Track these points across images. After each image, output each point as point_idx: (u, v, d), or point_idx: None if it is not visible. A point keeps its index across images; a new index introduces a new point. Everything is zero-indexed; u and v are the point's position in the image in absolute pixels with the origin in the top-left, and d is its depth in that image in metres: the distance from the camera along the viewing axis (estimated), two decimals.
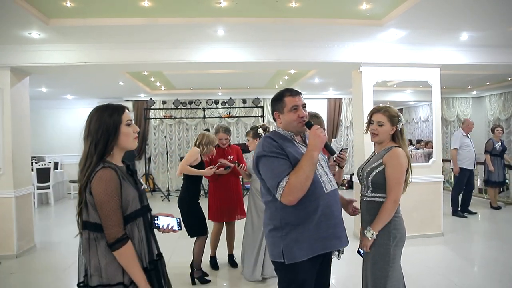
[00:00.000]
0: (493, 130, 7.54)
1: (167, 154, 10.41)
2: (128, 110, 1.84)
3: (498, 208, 7.31)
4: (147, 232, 1.77)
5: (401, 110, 14.30)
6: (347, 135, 11.38)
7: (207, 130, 9.98)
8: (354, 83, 5.77)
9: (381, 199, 2.39)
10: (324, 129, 2.94)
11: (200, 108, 10.46)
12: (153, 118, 10.73)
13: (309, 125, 2.03)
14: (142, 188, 1.85)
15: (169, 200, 9.16)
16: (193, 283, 3.96)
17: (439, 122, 5.80)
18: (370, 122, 2.49)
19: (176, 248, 5.06)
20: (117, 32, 4.61)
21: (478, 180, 8.92)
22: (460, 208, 6.91)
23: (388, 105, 2.49)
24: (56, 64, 5.05)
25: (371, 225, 2.34)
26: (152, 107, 10.32)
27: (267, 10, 4.25)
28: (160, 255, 1.85)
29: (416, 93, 10.80)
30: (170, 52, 5.14)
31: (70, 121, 10.47)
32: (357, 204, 2.48)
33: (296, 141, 2.11)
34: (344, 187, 10.07)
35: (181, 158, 9.95)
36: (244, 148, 9.25)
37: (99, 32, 4.58)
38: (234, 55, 5.23)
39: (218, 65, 5.56)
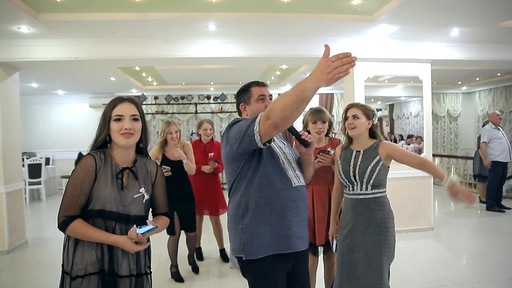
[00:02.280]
0: (484, 125, 7.61)
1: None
2: (135, 103, 1.79)
3: (485, 202, 7.40)
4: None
5: (392, 106, 14.43)
6: (339, 130, 11.42)
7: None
8: (346, 78, 5.76)
9: (381, 194, 2.42)
10: (332, 123, 2.98)
11: (192, 103, 10.44)
12: (145, 114, 10.66)
13: (294, 133, 1.93)
14: (139, 195, 1.75)
15: None
16: (195, 271, 4.13)
17: (429, 118, 5.86)
18: (345, 118, 2.51)
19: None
20: (108, 27, 4.57)
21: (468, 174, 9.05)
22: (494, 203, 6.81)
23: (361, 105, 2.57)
24: (47, 59, 5.00)
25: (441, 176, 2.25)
26: (144, 103, 10.26)
27: (258, 5, 4.25)
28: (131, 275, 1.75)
29: (407, 89, 10.87)
30: (161, 47, 5.11)
31: (61, 117, 10.39)
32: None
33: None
34: None
35: None
36: None
37: (89, 27, 4.54)
38: (226, 50, 5.22)
39: (209, 60, 5.55)
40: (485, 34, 5.29)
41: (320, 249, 3.03)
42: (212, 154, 4.39)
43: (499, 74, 9.66)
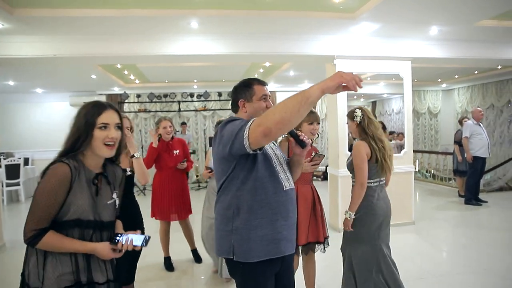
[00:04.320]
0: (461, 122, 7.79)
1: (142, 148, 10.27)
2: (117, 111, 1.68)
3: (462, 196, 7.57)
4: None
5: (374, 103, 14.61)
6: (322, 127, 11.52)
7: (183, 123, 9.91)
8: (328, 75, 5.83)
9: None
10: (319, 123, 3.02)
11: (175, 101, 10.36)
12: (127, 112, 10.53)
13: (294, 135, 1.92)
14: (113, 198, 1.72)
15: (144, 195, 9.04)
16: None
17: (410, 114, 5.97)
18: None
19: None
20: (88, 23, 4.49)
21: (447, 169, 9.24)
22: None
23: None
24: (23, 56, 4.87)
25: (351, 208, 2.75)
26: (126, 101, 10.13)
27: (241, 3, 4.24)
28: (107, 283, 1.69)
29: (389, 86, 11.04)
30: (143, 45, 5.05)
31: (40, 116, 10.16)
32: None
33: None
34: (320, 179, 10.22)
35: None
36: None
37: (69, 23, 4.45)
38: (209, 48, 5.19)
39: (192, 57, 5.51)
40: (463, 33, 5.41)
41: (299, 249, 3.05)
42: (178, 151, 4.12)
43: (476, 72, 9.90)
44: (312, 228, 2.95)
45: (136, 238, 1.72)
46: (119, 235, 1.70)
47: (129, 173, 2.63)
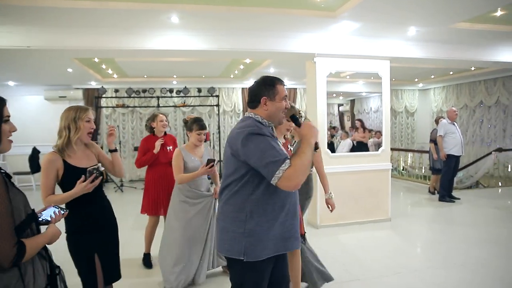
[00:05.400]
0: (436, 121, 7.98)
1: (120, 144, 10.10)
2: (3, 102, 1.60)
3: (433, 193, 7.82)
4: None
5: (353, 101, 14.79)
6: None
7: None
8: (308, 73, 5.88)
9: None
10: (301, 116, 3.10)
11: (154, 97, 10.21)
12: (105, 107, 10.33)
13: (294, 119, 2.03)
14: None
15: (122, 191, 8.92)
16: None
17: (388, 113, 6.07)
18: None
19: (129, 239, 4.96)
20: (65, 14, 4.35)
21: (423, 167, 9.47)
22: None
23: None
24: None
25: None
26: (103, 96, 9.93)
27: None
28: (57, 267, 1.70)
29: (367, 85, 11.20)
30: (122, 38, 4.95)
31: (13, 110, 9.56)
32: None
33: (274, 135, 2.03)
34: None
35: (135, 148, 9.70)
36: None
37: (44, 14, 4.30)
38: (189, 43, 5.14)
39: (172, 53, 5.43)
40: (439, 34, 5.54)
41: None
42: (170, 147, 4.15)
43: (451, 73, 10.17)
44: None
45: (56, 209, 1.79)
46: (39, 216, 1.70)
47: (102, 168, 2.51)
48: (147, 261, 4.16)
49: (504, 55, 6.57)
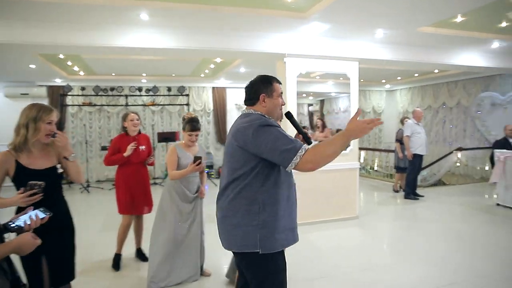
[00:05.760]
0: (402, 121, 8.24)
1: (86, 143, 9.81)
2: None
3: (398, 191, 8.09)
4: None
5: (323, 101, 15.02)
6: None
7: None
8: (279, 73, 5.92)
9: None
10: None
11: (122, 95, 9.99)
12: (70, 105, 10.00)
13: (289, 116, 2.13)
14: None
15: (88, 192, 8.67)
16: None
17: None
18: None
19: (98, 240, 4.84)
20: (28, 8, 4.18)
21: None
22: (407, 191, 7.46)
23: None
24: None
25: None
26: (69, 93, 9.61)
27: None
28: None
29: (337, 85, 11.41)
30: (89, 35, 4.80)
31: None
32: None
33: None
34: None
35: (103, 148, 9.45)
36: (170, 137, 9.09)
37: (4, 6, 4.10)
38: (159, 41, 5.06)
39: (141, 50, 5.31)
40: (406, 37, 5.73)
41: None
42: (144, 147, 4.10)
43: (416, 75, 10.53)
44: None
45: (34, 213, 1.69)
46: (12, 222, 1.62)
47: (60, 170, 2.45)
48: (116, 262, 4.04)
49: (464, 59, 6.89)
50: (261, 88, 2.10)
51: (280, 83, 2.18)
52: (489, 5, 4.38)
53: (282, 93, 2.15)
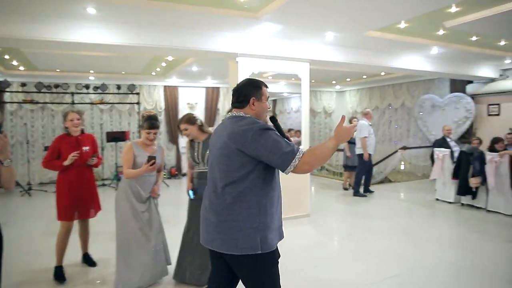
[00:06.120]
0: (350, 121, 8.54)
1: (27, 143, 9.22)
2: None
3: (347, 189, 8.41)
4: None
5: (275, 101, 15.20)
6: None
7: None
8: (231, 73, 5.92)
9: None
10: None
11: (68, 93, 9.51)
12: (9, 102, 9.34)
13: (273, 120, 2.18)
14: None
15: (30, 195, 8.16)
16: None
17: (307, 113, 6.35)
18: (181, 130, 3.48)
19: (40, 247, 4.58)
20: None
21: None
22: (362, 189, 7.75)
23: (186, 114, 3.54)
24: None
25: None
26: (7, 90, 8.98)
27: None
28: None
29: (289, 85, 11.59)
30: (29, 27, 4.50)
31: None
32: None
33: None
34: None
35: (46, 148, 8.93)
36: (120, 137, 8.79)
37: None
38: (108, 37, 4.86)
39: (88, 46, 5.06)
40: (355, 40, 5.95)
41: None
42: (88, 148, 3.82)
43: (364, 77, 10.98)
44: None
45: None
46: None
47: None
48: (60, 274, 3.70)
49: (408, 63, 7.29)
50: (252, 91, 2.14)
51: (267, 87, 2.24)
52: (429, 13, 4.66)
53: (268, 97, 2.21)
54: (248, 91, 2.14)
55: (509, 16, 4.72)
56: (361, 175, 7.77)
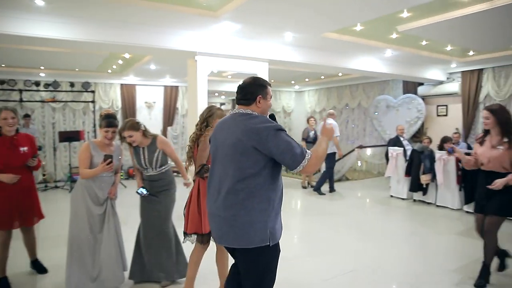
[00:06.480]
0: (308, 120, 8.73)
1: None
2: None
3: (306, 187, 8.59)
4: None
5: (234, 100, 15.19)
6: (183, 123, 11.48)
7: (27, 115, 8.65)
8: (190, 71, 5.85)
9: (166, 169, 3.49)
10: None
11: (16, 90, 8.96)
12: None
13: (273, 118, 2.26)
14: None
15: None
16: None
17: None
18: (123, 137, 3.36)
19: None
20: None
21: None
22: (330, 187, 7.95)
23: (129, 120, 3.43)
24: None
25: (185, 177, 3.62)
26: None
27: None
28: None
29: None
30: None
31: None
32: None
33: None
34: None
35: None
36: (74, 136, 8.42)
37: None
38: (59, 31, 4.63)
39: (36, 40, 4.79)
40: (313, 41, 6.06)
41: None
42: (26, 148, 3.49)
43: (322, 77, 11.21)
44: None
45: None
46: None
47: None
48: (4, 286, 3.43)
49: (363, 64, 7.53)
50: (258, 89, 2.22)
51: (270, 86, 2.33)
52: (383, 17, 4.84)
53: (272, 96, 2.31)
54: (255, 89, 2.23)
55: (455, 23, 5.00)
56: (329, 173, 7.94)
